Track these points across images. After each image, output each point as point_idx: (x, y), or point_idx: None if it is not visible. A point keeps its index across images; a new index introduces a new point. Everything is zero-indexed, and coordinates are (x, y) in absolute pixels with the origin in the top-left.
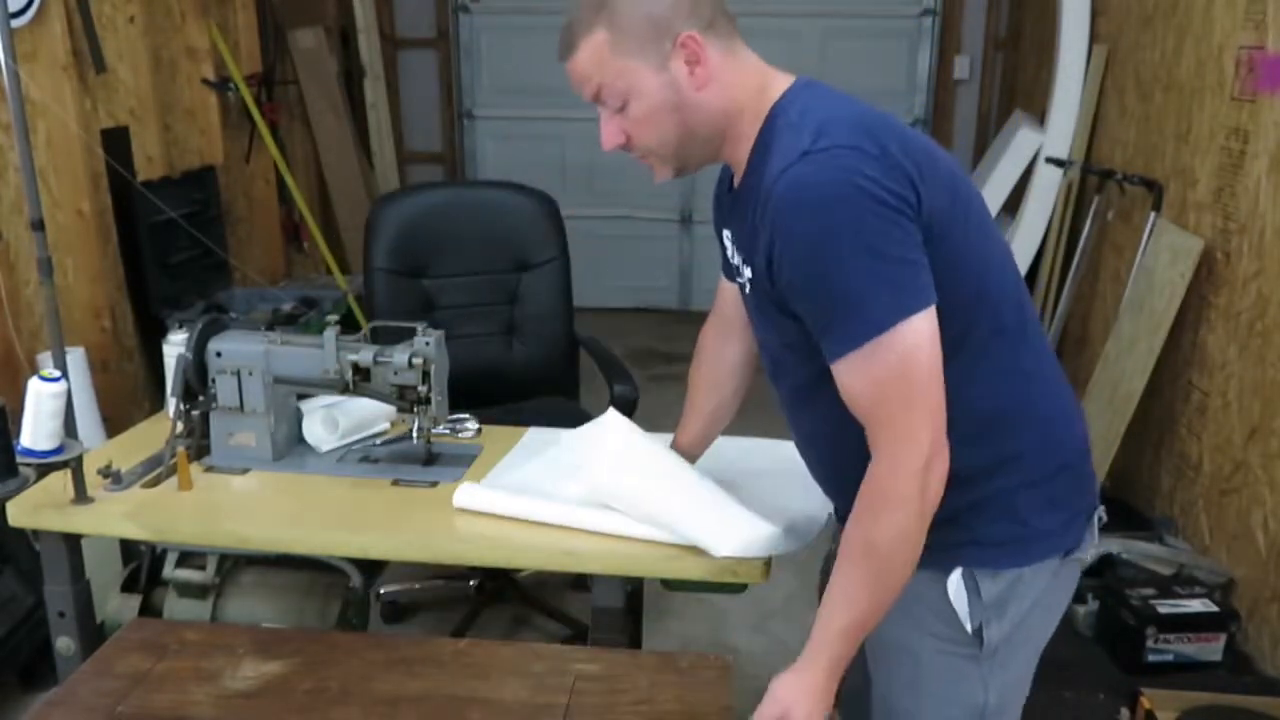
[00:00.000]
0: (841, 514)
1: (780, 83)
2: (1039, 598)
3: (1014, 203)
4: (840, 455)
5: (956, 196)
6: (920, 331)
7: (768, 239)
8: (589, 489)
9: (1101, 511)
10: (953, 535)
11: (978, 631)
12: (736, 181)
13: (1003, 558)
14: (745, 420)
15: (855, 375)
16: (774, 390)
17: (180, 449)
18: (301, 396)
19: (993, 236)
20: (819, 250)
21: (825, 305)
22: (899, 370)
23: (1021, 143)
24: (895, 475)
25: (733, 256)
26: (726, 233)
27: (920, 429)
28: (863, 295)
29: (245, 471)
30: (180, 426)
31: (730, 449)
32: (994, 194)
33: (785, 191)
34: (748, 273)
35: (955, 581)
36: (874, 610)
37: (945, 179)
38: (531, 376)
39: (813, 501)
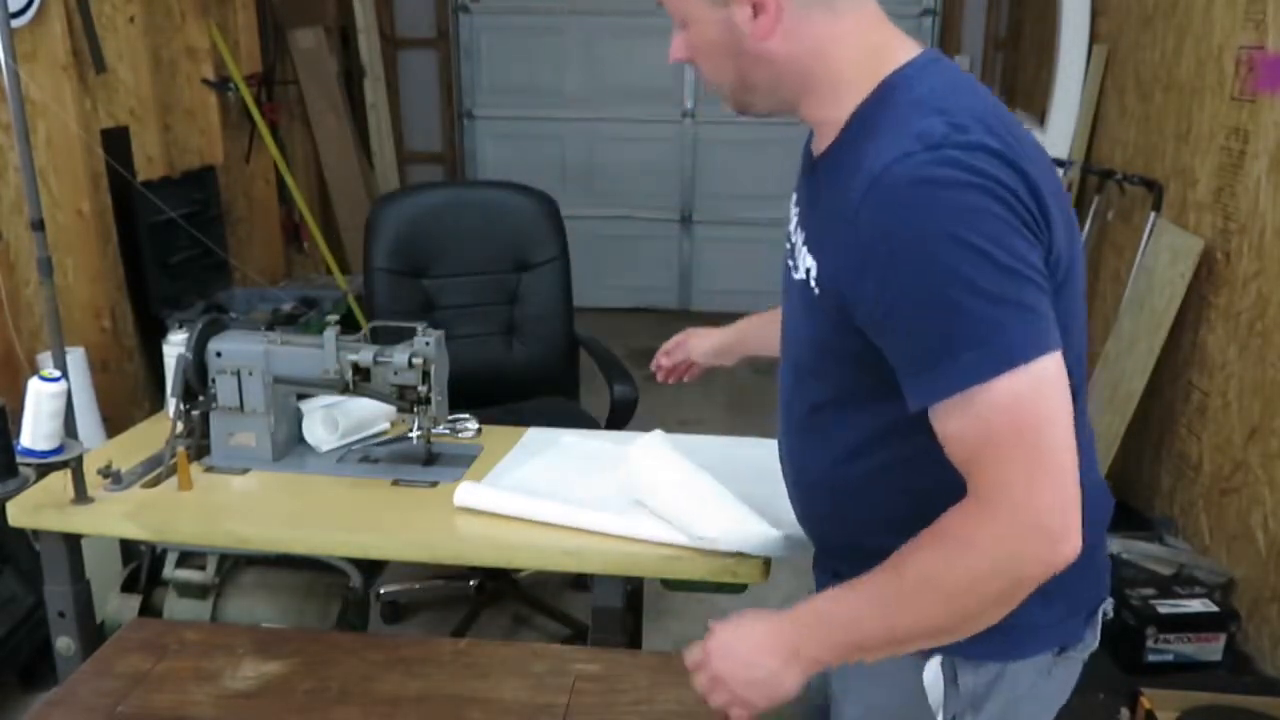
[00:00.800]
0: (822, 564)
1: (903, 50)
2: (1026, 693)
3: None
4: (842, 507)
5: (1072, 235)
6: (1053, 377)
7: (861, 238)
8: (627, 463)
9: (1108, 606)
10: None
11: None
12: (818, 147)
13: (987, 650)
14: (746, 420)
15: (967, 421)
16: (778, 414)
17: (180, 449)
18: (301, 396)
19: (1083, 287)
20: (941, 265)
21: (934, 333)
22: (1029, 418)
23: None
24: (1006, 549)
25: (794, 234)
26: (795, 208)
27: (1049, 500)
28: (993, 323)
29: (245, 471)
30: (180, 426)
31: (733, 450)
32: None
33: (906, 184)
34: (809, 263)
35: (933, 669)
36: (870, 625)
37: (1068, 213)
38: (531, 376)
39: None
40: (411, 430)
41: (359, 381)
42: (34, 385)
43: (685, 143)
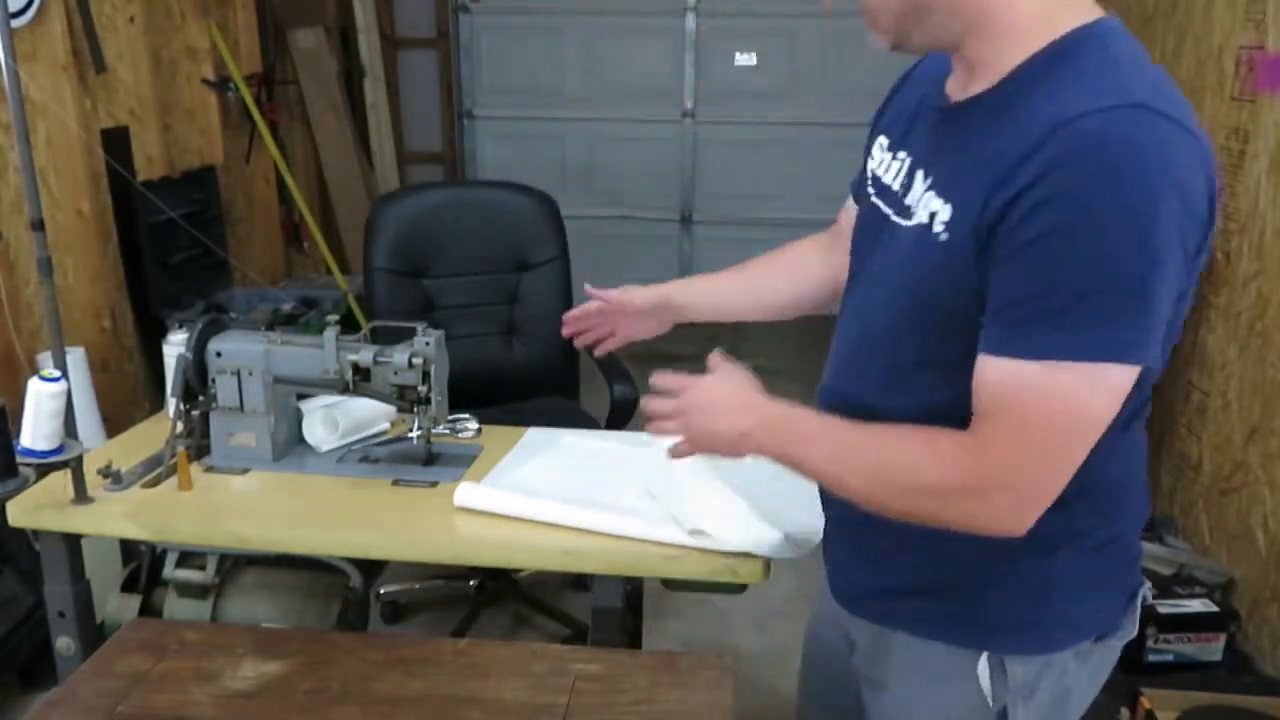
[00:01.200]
0: (845, 538)
1: (1084, 7)
2: (1073, 681)
3: None
4: None
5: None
6: (1121, 390)
7: (1031, 177)
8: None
9: (1146, 591)
10: (977, 614)
11: (1001, 714)
12: (964, 89)
13: (1029, 642)
14: None
15: (1020, 389)
16: (827, 375)
17: (180, 449)
18: (301, 396)
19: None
20: (1106, 236)
21: (1057, 294)
22: (1076, 414)
23: None
24: (965, 494)
25: (900, 179)
26: (902, 153)
27: (1037, 496)
28: (1115, 312)
29: (245, 471)
30: (180, 426)
31: None
32: None
33: (1101, 138)
34: (935, 207)
35: (982, 665)
36: (822, 459)
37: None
38: (531, 376)
39: (813, 514)
40: (411, 430)
41: (359, 381)
42: (34, 385)
43: (685, 143)
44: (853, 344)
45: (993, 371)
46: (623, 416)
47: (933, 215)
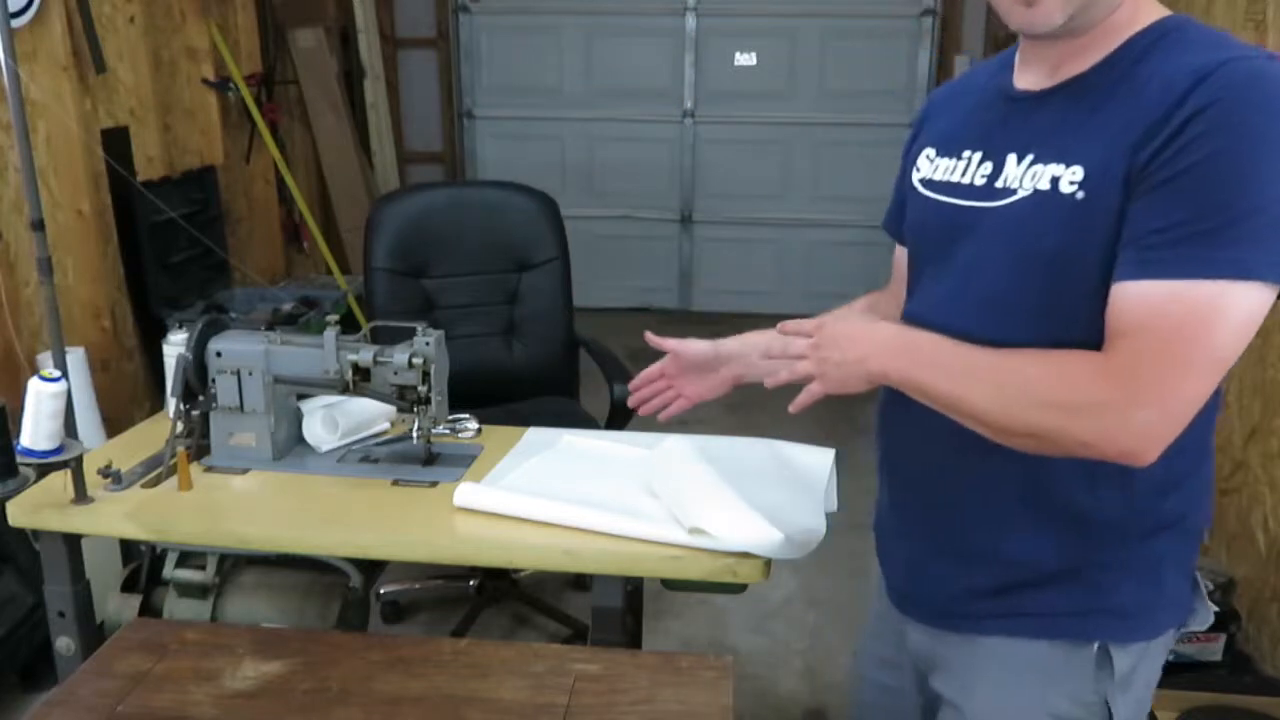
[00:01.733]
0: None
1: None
2: (1154, 669)
3: None
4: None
5: None
6: (1258, 312)
7: (1185, 115)
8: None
9: (1198, 575)
10: (1088, 601)
11: (1105, 708)
12: (1049, 78)
13: (1136, 629)
14: (746, 420)
15: (1159, 306)
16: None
17: (180, 449)
18: (301, 396)
19: None
20: (1264, 156)
21: (1212, 213)
22: (1220, 335)
23: None
24: (1103, 409)
25: (970, 171)
26: (966, 151)
27: (1173, 420)
28: (1261, 234)
29: (245, 471)
30: (180, 426)
31: (736, 450)
32: None
33: (1256, 75)
34: (1057, 173)
35: (1091, 657)
36: (944, 382)
37: None
38: (531, 376)
39: (814, 515)
40: (411, 430)
41: (359, 381)
42: (34, 385)
43: (685, 143)
44: (956, 326)
45: (1132, 293)
46: (623, 416)
47: (1055, 180)
